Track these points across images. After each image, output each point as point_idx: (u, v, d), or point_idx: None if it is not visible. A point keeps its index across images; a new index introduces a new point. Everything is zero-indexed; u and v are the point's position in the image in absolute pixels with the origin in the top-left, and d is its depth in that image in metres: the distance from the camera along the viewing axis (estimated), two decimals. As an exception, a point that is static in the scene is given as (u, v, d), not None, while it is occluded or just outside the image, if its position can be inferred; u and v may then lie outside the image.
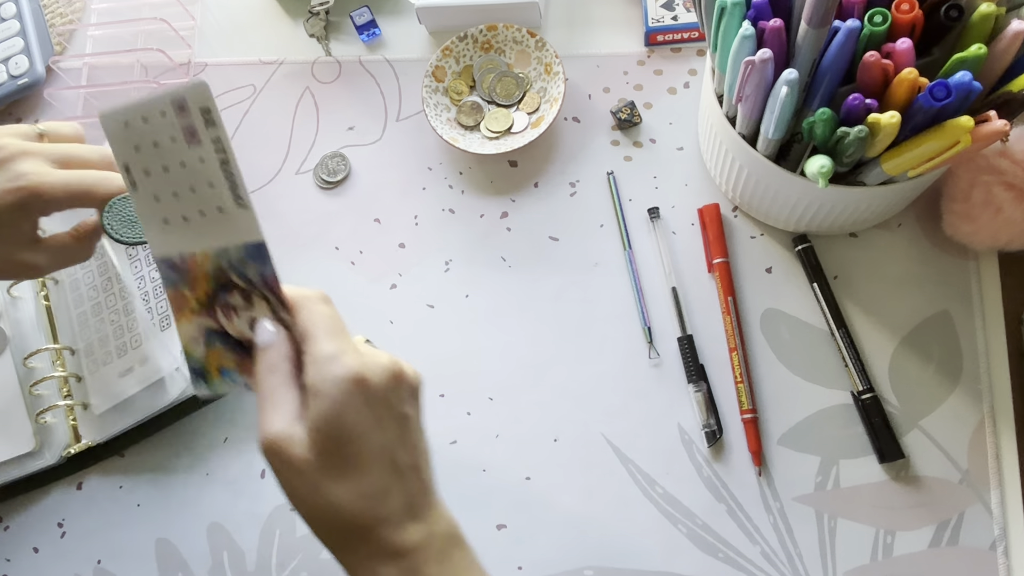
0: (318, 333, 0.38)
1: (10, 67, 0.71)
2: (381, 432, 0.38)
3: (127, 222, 0.54)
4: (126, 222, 0.54)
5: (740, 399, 0.57)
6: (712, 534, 0.55)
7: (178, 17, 0.72)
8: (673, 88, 0.66)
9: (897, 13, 0.45)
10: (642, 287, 0.60)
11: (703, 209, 0.61)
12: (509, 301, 0.62)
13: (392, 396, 0.38)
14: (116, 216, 0.54)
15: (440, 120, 0.65)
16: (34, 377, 0.59)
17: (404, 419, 0.39)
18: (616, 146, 0.65)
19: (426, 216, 0.65)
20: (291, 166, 0.67)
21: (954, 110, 0.43)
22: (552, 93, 0.64)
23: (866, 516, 0.54)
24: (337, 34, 0.71)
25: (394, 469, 0.38)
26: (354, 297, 0.63)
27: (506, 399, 0.59)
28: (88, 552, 0.59)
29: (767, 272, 0.60)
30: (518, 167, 0.65)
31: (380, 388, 0.38)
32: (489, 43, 0.66)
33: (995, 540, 0.53)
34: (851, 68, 0.46)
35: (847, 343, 0.56)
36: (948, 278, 0.58)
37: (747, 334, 0.58)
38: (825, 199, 0.53)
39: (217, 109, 0.37)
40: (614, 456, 0.57)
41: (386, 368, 0.38)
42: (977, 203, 0.54)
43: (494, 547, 0.56)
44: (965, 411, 0.55)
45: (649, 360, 0.59)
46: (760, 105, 0.48)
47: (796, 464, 0.56)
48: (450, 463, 0.58)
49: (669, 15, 0.66)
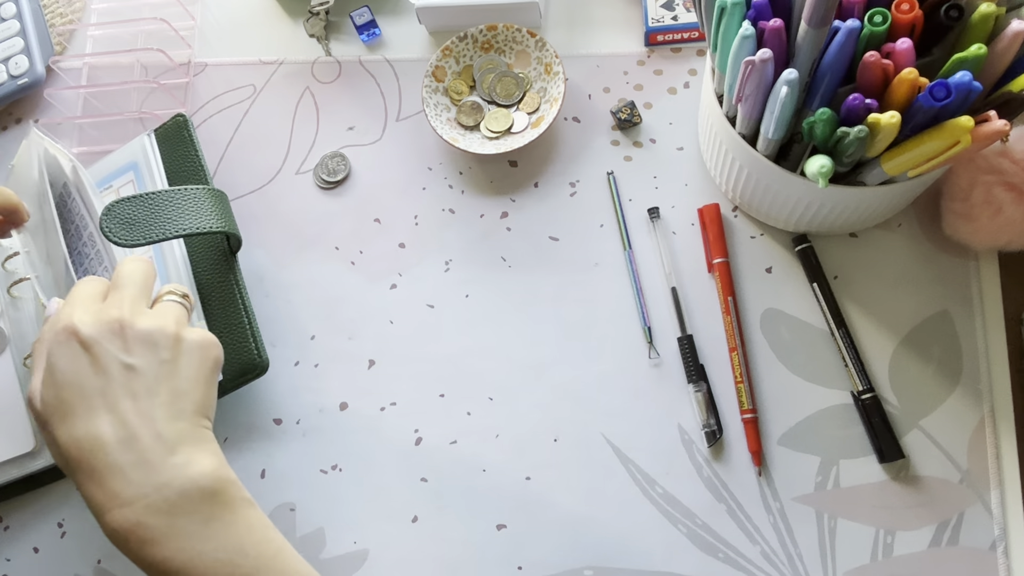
0: (66, 301, 0.44)
1: (10, 67, 0.71)
2: (96, 378, 0.41)
3: (125, 224, 0.54)
4: (124, 224, 0.54)
5: (740, 399, 0.57)
6: (712, 534, 0.55)
7: (178, 17, 0.72)
8: (673, 88, 0.66)
9: (897, 13, 0.45)
10: (642, 287, 0.60)
11: (703, 209, 0.61)
12: (509, 301, 0.62)
13: (108, 345, 0.41)
14: (114, 219, 0.54)
15: (440, 120, 0.65)
16: (34, 377, 0.59)
17: (127, 368, 0.41)
18: (616, 146, 0.65)
19: (426, 216, 0.65)
20: (291, 166, 0.67)
21: (954, 110, 0.43)
22: (552, 93, 0.64)
23: (866, 516, 0.54)
24: (337, 34, 0.71)
25: (111, 411, 0.40)
26: (354, 297, 0.63)
27: (506, 399, 0.59)
28: (88, 552, 0.59)
29: (767, 272, 0.60)
30: (518, 167, 0.65)
31: (91, 338, 0.41)
32: (489, 43, 0.67)
33: (995, 540, 0.53)
34: (851, 68, 0.46)
35: (847, 343, 0.56)
36: (948, 278, 0.58)
37: (747, 334, 0.58)
38: (825, 199, 0.53)
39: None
40: (614, 456, 0.57)
41: (103, 321, 0.42)
42: (977, 203, 0.54)
43: (494, 547, 0.56)
44: (965, 411, 0.55)
45: (649, 360, 0.59)
46: (760, 105, 0.48)
47: (796, 464, 0.56)
48: (450, 463, 0.58)
49: (669, 15, 0.66)
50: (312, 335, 0.62)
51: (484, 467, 0.58)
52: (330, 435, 0.60)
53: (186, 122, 0.65)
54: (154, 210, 0.55)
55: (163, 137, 0.65)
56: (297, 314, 0.63)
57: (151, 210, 0.55)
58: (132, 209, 0.54)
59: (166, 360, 0.42)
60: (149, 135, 0.65)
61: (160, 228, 0.55)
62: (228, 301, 0.59)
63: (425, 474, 0.58)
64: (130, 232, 0.54)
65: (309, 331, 0.62)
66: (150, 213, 0.55)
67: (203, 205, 0.57)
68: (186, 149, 0.64)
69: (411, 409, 0.60)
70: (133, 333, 0.42)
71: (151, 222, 0.55)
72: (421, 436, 0.59)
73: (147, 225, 0.54)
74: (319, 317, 0.63)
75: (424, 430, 0.59)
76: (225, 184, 0.67)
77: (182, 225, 0.55)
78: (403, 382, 0.60)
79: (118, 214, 0.54)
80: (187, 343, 0.44)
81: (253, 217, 0.66)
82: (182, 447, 0.41)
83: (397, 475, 0.58)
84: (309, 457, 0.59)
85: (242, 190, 0.67)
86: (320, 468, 0.59)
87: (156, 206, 0.55)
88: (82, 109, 0.71)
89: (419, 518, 0.57)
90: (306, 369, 0.61)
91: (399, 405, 0.60)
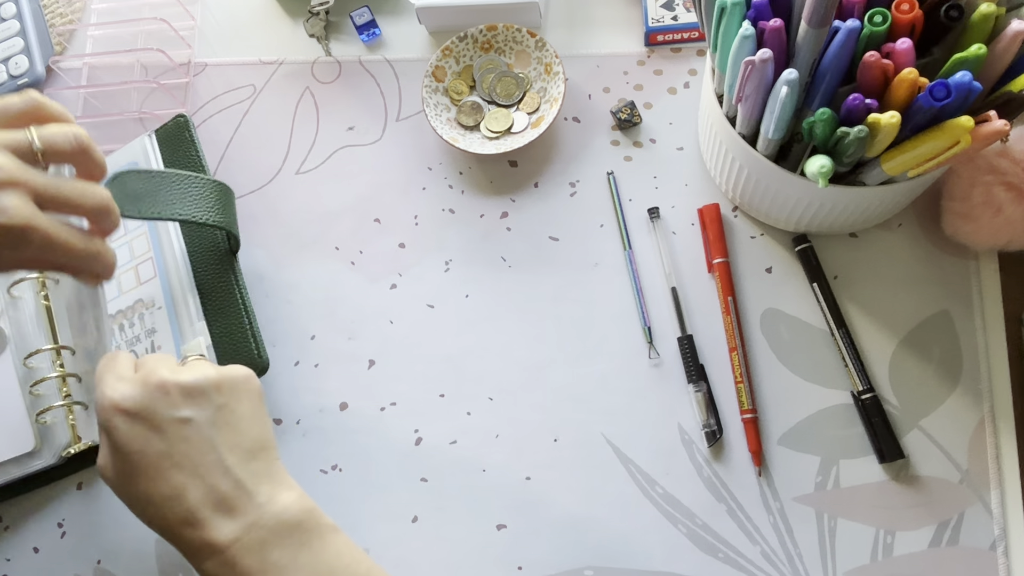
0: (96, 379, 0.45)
1: (10, 67, 0.71)
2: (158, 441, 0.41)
3: (131, 198, 0.54)
4: (130, 198, 0.54)
5: (740, 399, 0.57)
6: (712, 534, 0.55)
7: (178, 17, 0.72)
8: (673, 88, 0.66)
9: (897, 13, 0.45)
10: (642, 287, 0.60)
11: (703, 209, 0.61)
12: (509, 301, 0.62)
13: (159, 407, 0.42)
14: (120, 190, 0.53)
15: (440, 120, 0.65)
16: (34, 377, 0.59)
17: (183, 423, 0.42)
18: (616, 146, 0.65)
19: (426, 216, 0.65)
20: (291, 166, 0.67)
21: (954, 110, 0.43)
22: (552, 93, 0.64)
23: (866, 516, 0.54)
24: (337, 34, 0.71)
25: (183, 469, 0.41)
26: (354, 297, 0.63)
27: (506, 399, 0.59)
28: (88, 552, 0.59)
29: (767, 272, 0.60)
30: (518, 167, 0.65)
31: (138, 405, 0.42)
32: (489, 43, 0.66)
33: (995, 540, 0.53)
34: (851, 68, 0.46)
35: (847, 343, 0.56)
36: (948, 278, 0.58)
37: (747, 334, 0.58)
38: (825, 199, 0.53)
39: None
40: (614, 456, 0.57)
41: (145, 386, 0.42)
42: (977, 203, 0.54)
43: (494, 547, 0.56)
44: (965, 411, 0.55)
45: (649, 360, 0.59)
46: (760, 105, 0.48)
47: (796, 464, 0.56)
48: (450, 463, 0.58)
49: (669, 15, 0.66)
50: (312, 335, 0.62)
51: (484, 467, 0.58)
52: (330, 435, 0.60)
53: (187, 123, 0.65)
54: (160, 188, 0.55)
55: (164, 137, 0.65)
56: (297, 314, 0.63)
57: (156, 187, 0.55)
58: (140, 183, 0.54)
59: (220, 405, 0.43)
60: (150, 135, 0.65)
61: (162, 207, 0.55)
62: (228, 301, 0.59)
63: (425, 474, 0.58)
64: (133, 205, 0.54)
65: (309, 331, 0.62)
66: (155, 190, 0.55)
67: (208, 195, 0.58)
68: (187, 150, 0.64)
69: (411, 409, 0.60)
70: (179, 389, 0.42)
71: (154, 199, 0.54)
72: (421, 436, 0.59)
73: (150, 202, 0.54)
74: (319, 317, 0.63)
75: (424, 430, 0.59)
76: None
77: (184, 210, 0.55)
78: (403, 382, 0.60)
79: (124, 184, 0.54)
80: (232, 381, 0.44)
81: (253, 217, 0.66)
82: (261, 486, 0.42)
83: (397, 475, 0.58)
84: (309, 457, 0.59)
85: (242, 190, 0.67)
86: (320, 468, 0.59)
87: (162, 184, 0.55)
88: (82, 109, 0.71)
89: (419, 518, 0.57)
90: (306, 369, 0.61)
91: (399, 405, 0.60)
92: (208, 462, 0.41)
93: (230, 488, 0.41)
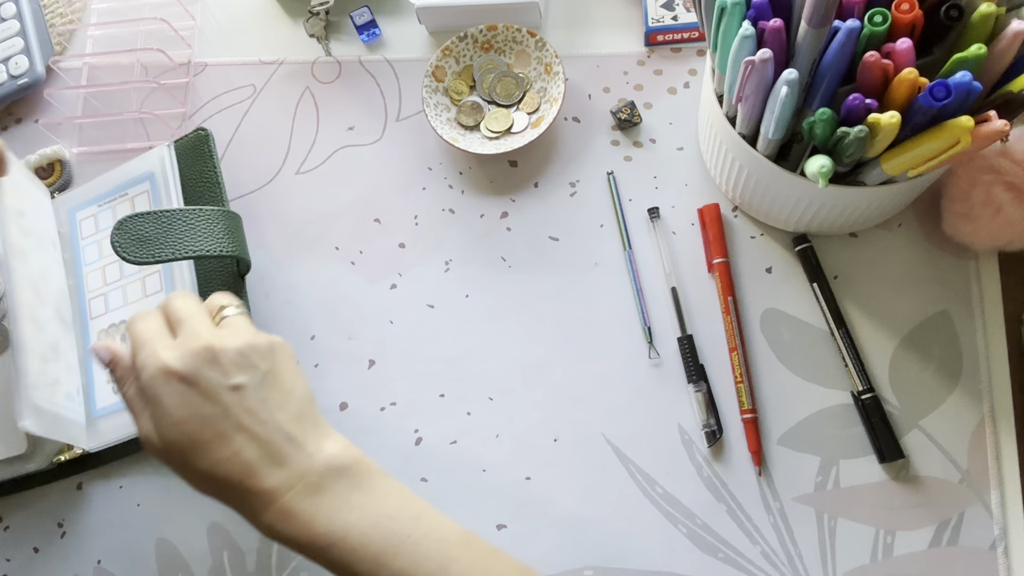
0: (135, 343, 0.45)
1: (10, 67, 0.71)
2: (212, 407, 0.42)
3: (137, 241, 0.53)
4: (136, 241, 0.53)
5: (740, 399, 0.57)
6: (712, 534, 0.55)
7: (178, 17, 0.72)
8: (673, 88, 0.66)
9: (897, 13, 0.45)
10: (642, 287, 0.60)
11: (703, 209, 0.61)
12: (509, 301, 0.62)
13: (210, 374, 0.43)
14: (126, 234, 0.53)
15: (440, 120, 0.65)
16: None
17: (235, 389, 0.43)
18: (616, 146, 0.65)
19: (426, 216, 0.65)
20: (291, 166, 0.67)
21: (954, 110, 0.44)
22: (552, 93, 0.64)
23: (866, 516, 0.54)
24: (337, 34, 0.71)
25: (240, 431, 0.42)
26: (354, 297, 0.63)
27: (506, 399, 0.59)
28: (88, 552, 0.59)
29: (767, 272, 0.60)
30: (518, 167, 0.65)
31: (191, 372, 0.42)
32: (489, 43, 0.66)
33: (995, 540, 0.53)
34: (851, 68, 0.46)
35: (847, 343, 0.56)
36: (948, 278, 0.58)
37: (747, 334, 0.58)
38: (825, 199, 0.53)
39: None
40: (614, 456, 0.57)
41: (194, 352, 0.43)
42: (977, 203, 0.54)
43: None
44: (965, 411, 0.55)
45: (649, 360, 0.59)
46: (760, 105, 0.48)
47: (796, 464, 0.56)
48: (450, 463, 0.58)
49: (669, 15, 0.66)
50: (312, 335, 0.62)
51: (484, 467, 0.58)
52: (330, 435, 0.60)
53: (207, 137, 0.64)
54: (167, 228, 0.55)
55: (183, 150, 0.64)
56: (297, 314, 0.63)
57: (163, 228, 0.54)
58: (145, 226, 0.54)
59: (265, 371, 0.44)
60: (169, 146, 0.64)
61: (171, 248, 0.54)
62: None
63: (425, 474, 0.58)
64: (141, 249, 0.53)
65: (309, 331, 0.62)
66: (162, 231, 0.54)
67: (216, 227, 0.57)
68: (204, 164, 0.63)
69: (411, 409, 0.60)
70: (227, 357, 0.43)
71: (163, 240, 0.54)
72: (421, 436, 0.59)
73: (158, 243, 0.54)
74: (319, 317, 0.63)
75: (424, 430, 0.59)
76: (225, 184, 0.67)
77: (193, 246, 0.55)
78: (403, 382, 0.60)
79: (130, 229, 0.53)
80: (272, 348, 0.46)
81: (253, 217, 0.66)
82: (309, 439, 0.44)
83: (397, 475, 0.58)
84: (309, 457, 0.59)
85: (242, 190, 0.67)
86: (320, 468, 0.59)
87: (169, 224, 0.55)
88: (82, 109, 0.71)
89: (419, 518, 0.57)
90: (306, 369, 0.61)
91: (399, 405, 0.60)
92: (260, 421, 0.43)
93: (282, 442, 0.43)
